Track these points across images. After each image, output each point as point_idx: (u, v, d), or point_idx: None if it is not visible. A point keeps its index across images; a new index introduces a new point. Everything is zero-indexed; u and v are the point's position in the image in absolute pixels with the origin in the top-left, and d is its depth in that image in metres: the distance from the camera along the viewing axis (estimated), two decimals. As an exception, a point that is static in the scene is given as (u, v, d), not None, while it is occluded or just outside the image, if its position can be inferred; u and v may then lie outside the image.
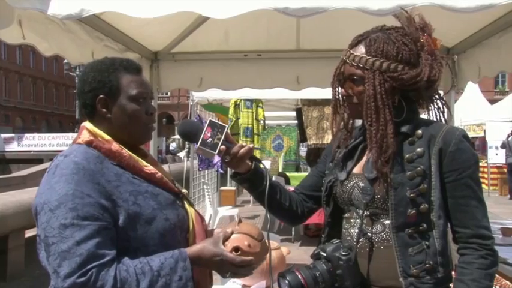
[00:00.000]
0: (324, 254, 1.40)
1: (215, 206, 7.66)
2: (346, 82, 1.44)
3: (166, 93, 43.93)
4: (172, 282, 1.18)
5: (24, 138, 24.71)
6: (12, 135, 26.16)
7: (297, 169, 11.91)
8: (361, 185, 1.44)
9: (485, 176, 13.56)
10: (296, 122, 9.94)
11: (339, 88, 1.48)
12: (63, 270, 1.10)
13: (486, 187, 13.13)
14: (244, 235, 1.34)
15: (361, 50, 1.39)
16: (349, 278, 1.36)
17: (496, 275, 2.40)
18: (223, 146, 1.41)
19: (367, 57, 1.37)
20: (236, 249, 1.30)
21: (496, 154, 13.51)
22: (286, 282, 1.35)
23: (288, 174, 9.69)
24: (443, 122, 1.48)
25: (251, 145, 1.50)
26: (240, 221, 1.41)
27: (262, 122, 7.86)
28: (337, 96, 1.49)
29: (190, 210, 1.43)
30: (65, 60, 23.34)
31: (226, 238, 1.31)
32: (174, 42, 3.65)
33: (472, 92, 12.67)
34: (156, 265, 1.18)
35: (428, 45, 1.40)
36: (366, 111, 1.38)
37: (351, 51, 1.41)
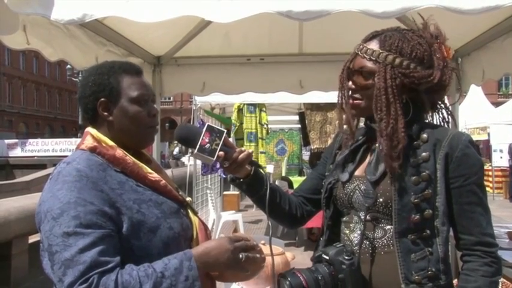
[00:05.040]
0: (326, 257, 1.37)
1: (218, 211, 7.64)
2: (355, 75, 1.41)
3: (169, 98, 44.01)
4: (178, 283, 1.14)
5: (28, 144, 24.71)
6: (16, 140, 26.14)
7: (300, 173, 11.89)
8: (363, 187, 1.42)
9: (490, 179, 13.48)
10: (299, 126, 9.94)
11: (347, 82, 1.43)
12: (68, 279, 1.09)
13: (491, 190, 13.06)
14: None
15: (375, 44, 1.38)
16: (351, 282, 1.34)
17: (505, 280, 2.37)
18: (221, 152, 1.38)
19: (381, 51, 1.35)
20: None
21: (501, 157, 13.44)
22: (287, 282, 1.32)
23: (291, 178, 9.68)
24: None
25: (250, 150, 1.47)
26: (235, 231, 1.39)
27: (265, 126, 7.86)
28: (343, 91, 1.45)
29: (194, 219, 1.40)
30: (68, 66, 23.46)
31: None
32: (176, 46, 3.65)
33: (475, 95, 12.62)
34: (159, 267, 1.15)
35: (441, 52, 1.39)
36: (376, 105, 1.35)
37: (365, 45, 1.40)
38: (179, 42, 3.59)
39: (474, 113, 12.73)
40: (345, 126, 1.50)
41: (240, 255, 1.25)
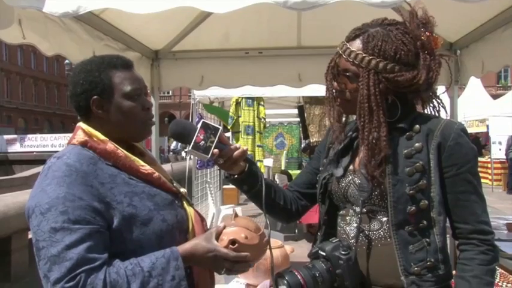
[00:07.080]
0: (323, 253, 1.37)
1: (218, 205, 7.64)
2: (340, 76, 1.41)
3: (168, 92, 43.96)
4: (165, 282, 1.15)
5: (27, 139, 24.70)
6: (15, 136, 26.13)
7: (300, 166, 11.87)
8: (358, 181, 1.41)
9: (489, 171, 13.49)
10: (298, 119, 9.93)
11: (333, 82, 1.44)
12: (53, 275, 1.08)
13: (489, 182, 13.09)
14: (241, 228, 1.30)
15: (358, 45, 1.36)
16: (349, 277, 1.34)
17: (504, 272, 2.37)
18: (216, 150, 1.37)
19: (364, 55, 1.33)
20: (233, 242, 1.26)
21: (500, 149, 13.45)
22: (285, 282, 1.31)
23: (290, 171, 9.68)
24: None
25: (245, 147, 1.46)
26: (236, 216, 1.36)
27: (263, 120, 7.84)
28: (330, 90, 1.46)
29: (189, 210, 1.40)
30: (66, 61, 23.36)
31: (218, 233, 1.28)
32: (174, 40, 3.63)
33: (474, 87, 12.62)
34: (147, 265, 1.15)
35: (429, 43, 1.36)
36: (359, 112, 1.36)
37: (348, 45, 1.38)
38: (177, 36, 3.57)
39: (473, 105, 12.74)
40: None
41: (222, 271, 1.27)
